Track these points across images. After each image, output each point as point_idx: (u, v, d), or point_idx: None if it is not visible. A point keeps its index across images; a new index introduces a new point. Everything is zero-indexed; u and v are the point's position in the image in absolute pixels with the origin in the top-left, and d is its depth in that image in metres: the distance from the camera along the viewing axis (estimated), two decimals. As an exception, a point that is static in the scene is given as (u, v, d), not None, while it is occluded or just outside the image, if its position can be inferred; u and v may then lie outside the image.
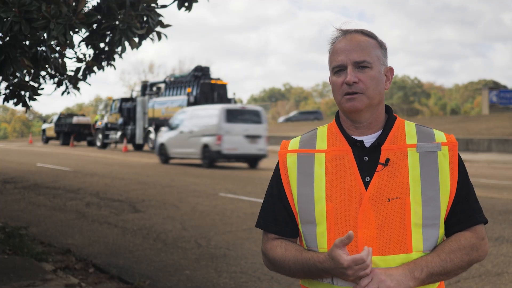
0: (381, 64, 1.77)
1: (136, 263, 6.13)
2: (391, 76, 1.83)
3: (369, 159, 1.74)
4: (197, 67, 27.07)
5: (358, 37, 1.76)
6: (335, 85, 1.77)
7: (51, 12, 3.86)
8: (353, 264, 1.60)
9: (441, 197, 1.72)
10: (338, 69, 1.75)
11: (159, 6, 5.12)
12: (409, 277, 1.65)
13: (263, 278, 5.48)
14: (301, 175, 1.79)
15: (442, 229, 1.75)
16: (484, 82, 70.26)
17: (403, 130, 1.79)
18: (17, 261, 5.70)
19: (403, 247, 1.70)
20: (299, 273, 1.77)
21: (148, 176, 14.82)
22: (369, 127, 1.78)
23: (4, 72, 4.44)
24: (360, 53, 1.73)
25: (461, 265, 1.72)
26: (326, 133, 1.84)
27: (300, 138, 1.88)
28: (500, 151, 24.75)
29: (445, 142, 1.76)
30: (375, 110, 1.77)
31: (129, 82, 69.85)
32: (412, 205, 1.70)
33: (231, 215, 8.94)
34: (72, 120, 38.58)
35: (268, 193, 1.89)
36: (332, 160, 1.77)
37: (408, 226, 1.70)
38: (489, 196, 10.50)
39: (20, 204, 10.39)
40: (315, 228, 1.75)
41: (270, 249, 1.84)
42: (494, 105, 40.98)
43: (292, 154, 1.83)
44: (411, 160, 1.73)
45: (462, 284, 5.21)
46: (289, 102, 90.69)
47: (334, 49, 1.79)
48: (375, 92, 1.74)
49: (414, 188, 1.71)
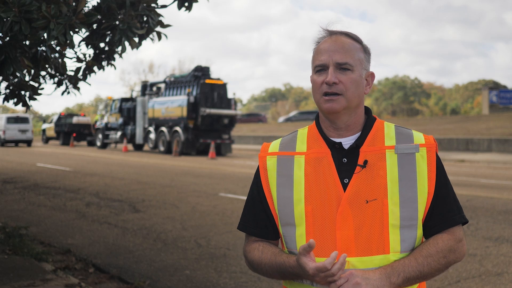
0: (363, 68, 1.79)
1: (136, 263, 6.12)
2: (372, 81, 1.84)
3: (348, 161, 1.75)
4: (197, 67, 27.07)
5: (343, 39, 1.77)
6: (315, 84, 1.78)
7: (51, 12, 3.86)
8: (317, 272, 1.60)
9: (419, 198, 1.73)
10: (320, 68, 1.77)
11: (159, 6, 5.12)
12: (385, 282, 1.65)
13: (263, 278, 5.48)
14: (280, 177, 1.81)
15: (420, 230, 1.75)
16: (484, 82, 70.25)
17: (382, 132, 1.80)
18: (17, 261, 5.69)
19: (381, 248, 1.70)
20: (275, 275, 1.79)
21: (148, 176, 14.82)
22: (347, 129, 1.79)
23: (4, 72, 4.44)
24: (343, 54, 1.74)
25: (438, 268, 1.72)
26: (306, 135, 1.85)
27: (281, 141, 1.89)
28: (500, 151, 24.74)
29: (423, 144, 1.76)
30: (353, 113, 1.78)
31: (129, 82, 69.93)
32: (389, 206, 1.71)
33: (231, 215, 8.94)
34: (72, 120, 38.60)
35: (249, 196, 1.91)
36: (311, 162, 1.78)
37: (386, 227, 1.71)
38: (489, 196, 10.50)
39: (20, 204, 10.38)
40: (295, 230, 1.77)
41: (248, 251, 1.86)
42: (494, 105, 40.97)
43: (272, 157, 1.85)
44: (389, 161, 1.74)
45: (462, 284, 5.21)
46: (289, 102, 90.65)
47: (318, 48, 1.80)
48: (354, 95, 1.75)
49: (392, 189, 1.72)
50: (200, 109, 25.36)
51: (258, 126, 48.16)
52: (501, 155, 23.73)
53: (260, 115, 59.74)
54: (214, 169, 17.64)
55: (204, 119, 25.51)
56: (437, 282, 5.26)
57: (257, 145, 35.42)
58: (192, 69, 27.87)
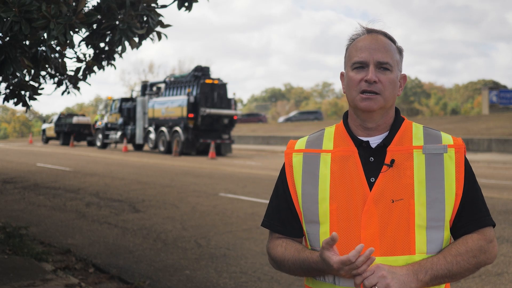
0: (398, 69, 1.78)
1: (136, 263, 6.12)
2: (404, 83, 1.83)
3: (375, 160, 1.74)
4: (197, 67, 27.07)
5: (383, 39, 1.76)
6: (352, 81, 1.75)
7: (51, 12, 3.86)
8: (341, 265, 1.59)
9: (446, 199, 1.70)
10: (359, 65, 1.74)
11: (159, 6, 5.11)
12: (412, 278, 1.62)
13: (263, 278, 5.48)
14: (306, 174, 1.79)
15: (448, 232, 1.73)
16: (484, 82, 70.26)
17: (410, 132, 1.78)
18: (17, 261, 5.69)
19: (406, 249, 1.68)
20: (299, 272, 1.78)
21: (148, 176, 14.82)
22: (377, 128, 1.78)
23: (4, 72, 4.44)
24: (384, 54, 1.72)
25: (467, 268, 1.69)
26: (333, 133, 1.84)
27: (307, 138, 1.88)
28: (500, 151, 24.75)
29: (451, 145, 1.75)
30: (386, 113, 1.77)
31: (129, 82, 69.97)
32: (416, 206, 1.69)
33: (231, 215, 8.94)
34: (72, 120, 38.59)
35: (274, 193, 1.89)
36: (337, 161, 1.77)
37: (412, 228, 1.68)
38: (489, 196, 10.50)
39: (20, 204, 10.38)
40: (319, 228, 1.75)
41: (272, 248, 1.85)
42: (494, 105, 40.97)
43: (298, 154, 1.83)
44: (417, 161, 1.72)
45: (462, 284, 5.21)
46: (289, 102, 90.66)
47: (356, 45, 1.77)
48: (391, 95, 1.74)
49: (419, 189, 1.70)
50: (200, 109, 25.37)
51: (258, 126, 48.17)
52: (501, 155, 23.74)
53: (260, 115, 59.75)
54: (214, 169, 17.63)
55: (204, 119, 25.52)
56: (437, 282, 5.26)
57: (257, 145, 35.42)
58: (192, 69, 27.87)
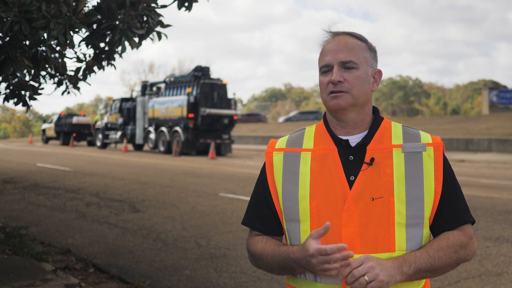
0: (368, 66, 1.80)
1: (136, 263, 6.12)
2: (379, 78, 1.85)
3: (354, 158, 1.77)
4: (197, 67, 27.07)
5: (346, 39, 1.80)
6: (321, 84, 1.80)
7: (51, 12, 3.86)
8: (317, 253, 1.61)
9: (425, 197, 1.73)
10: (325, 69, 1.79)
11: (159, 6, 5.12)
12: (398, 270, 1.65)
13: (263, 278, 5.48)
14: (286, 173, 1.82)
15: (427, 229, 1.76)
16: (484, 82, 70.26)
17: (389, 131, 1.81)
18: (17, 261, 5.69)
19: (386, 246, 1.71)
20: (276, 267, 1.79)
21: (148, 176, 14.82)
22: (355, 127, 1.80)
23: (4, 72, 4.44)
24: (346, 53, 1.76)
25: (449, 262, 1.73)
26: (314, 132, 1.87)
27: (288, 137, 1.91)
28: (500, 151, 24.75)
29: (430, 143, 1.78)
30: (361, 110, 1.80)
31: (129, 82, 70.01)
32: (396, 204, 1.71)
33: (231, 215, 8.94)
34: (72, 120, 38.60)
35: (254, 191, 1.92)
36: (317, 159, 1.79)
37: (392, 225, 1.71)
38: (489, 196, 10.50)
39: (20, 204, 10.38)
40: (299, 226, 1.78)
41: (251, 244, 1.87)
42: (494, 105, 40.99)
43: (278, 153, 1.86)
44: (396, 160, 1.75)
45: (462, 284, 5.21)
46: (289, 102, 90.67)
47: (322, 50, 1.83)
48: (360, 92, 1.77)
49: (399, 187, 1.72)
50: (200, 109, 25.38)
51: (258, 126, 48.18)
52: (501, 155, 23.73)
53: (260, 115, 59.78)
54: (214, 169, 17.64)
55: (204, 119, 25.52)
56: (437, 282, 5.26)
57: (257, 145, 35.42)
58: (192, 69, 27.88)
